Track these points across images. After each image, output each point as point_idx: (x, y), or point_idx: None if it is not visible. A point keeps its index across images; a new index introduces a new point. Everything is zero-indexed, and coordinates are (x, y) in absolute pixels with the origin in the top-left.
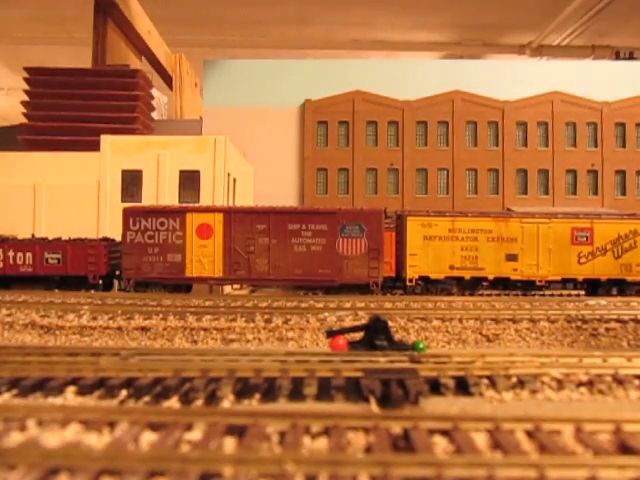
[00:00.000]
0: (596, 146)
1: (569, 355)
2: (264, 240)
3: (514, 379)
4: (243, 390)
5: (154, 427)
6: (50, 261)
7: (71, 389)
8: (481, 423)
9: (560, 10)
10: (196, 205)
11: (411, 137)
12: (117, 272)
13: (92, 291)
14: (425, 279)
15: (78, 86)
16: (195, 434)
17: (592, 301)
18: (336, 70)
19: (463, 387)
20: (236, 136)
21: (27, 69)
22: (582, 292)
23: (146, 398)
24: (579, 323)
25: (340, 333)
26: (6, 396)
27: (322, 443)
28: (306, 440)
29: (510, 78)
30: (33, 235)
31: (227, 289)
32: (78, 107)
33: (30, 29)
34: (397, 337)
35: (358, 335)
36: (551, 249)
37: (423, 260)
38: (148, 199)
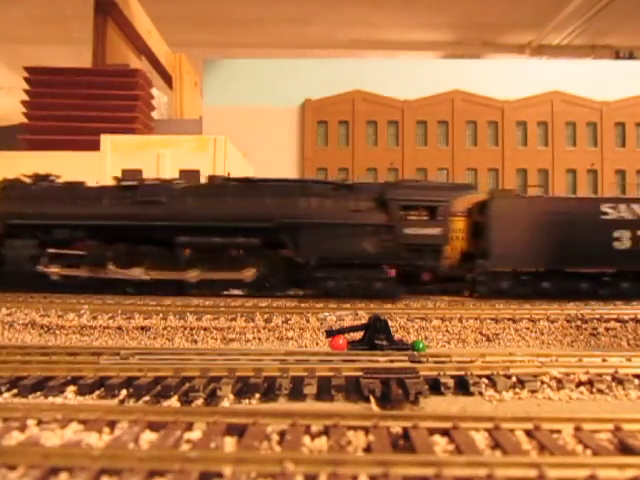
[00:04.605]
0: (596, 146)
1: (569, 355)
2: None
3: (514, 378)
4: (243, 389)
5: (154, 427)
6: None
7: (71, 388)
8: (481, 423)
9: (560, 10)
10: None
11: (411, 137)
12: None
13: None
14: None
15: (78, 86)
16: (195, 433)
17: (592, 301)
18: (336, 70)
19: (463, 386)
20: (236, 136)
21: (27, 68)
22: None
23: (146, 397)
24: (579, 323)
25: (340, 333)
26: (6, 396)
27: (322, 442)
28: (306, 439)
29: (510, 78)
30: None
31: None
32: (78, 107)
33: (30, 28)
34: (397, 336)
35: (358, 335)
36: None
37: None
38: None
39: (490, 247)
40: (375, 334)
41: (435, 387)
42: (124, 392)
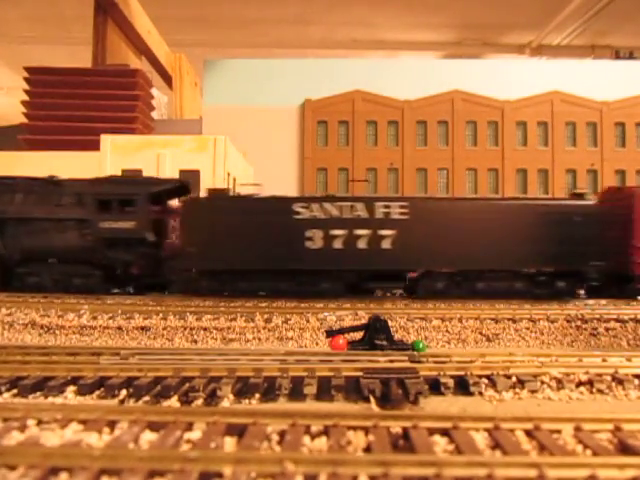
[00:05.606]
0: (596, 146)
1: (569, 355)
2: None
3: (514, 379)
4: (243, 389)
5: (154, 427)
6: None
7: (71, 388)
8: (481, 423)
9: (560, 10)
10: None
11: (411, 137)
12: None
13: None
14: None
15: (78, 86)
16: (195, 433)
17: (592, 300)
18: (336, 70)
19: (463, 387)
20: (236, 136)
21: (27, 68)
22: None
23: (146, 397)
24: (579, 323)
25: (340, 333)
26: (6, 396)
27: (322, 442)
28: (306, 439)
29: (510, 78)
30: None
31: None
32: (78, 107)
33: (30, 28)
34: (397, 336)
35: (358, 335)
36: None
37: None
38: None
39: (181, 246)
40: (375, 334)
41: (435, 387)
42: (124, 392)
